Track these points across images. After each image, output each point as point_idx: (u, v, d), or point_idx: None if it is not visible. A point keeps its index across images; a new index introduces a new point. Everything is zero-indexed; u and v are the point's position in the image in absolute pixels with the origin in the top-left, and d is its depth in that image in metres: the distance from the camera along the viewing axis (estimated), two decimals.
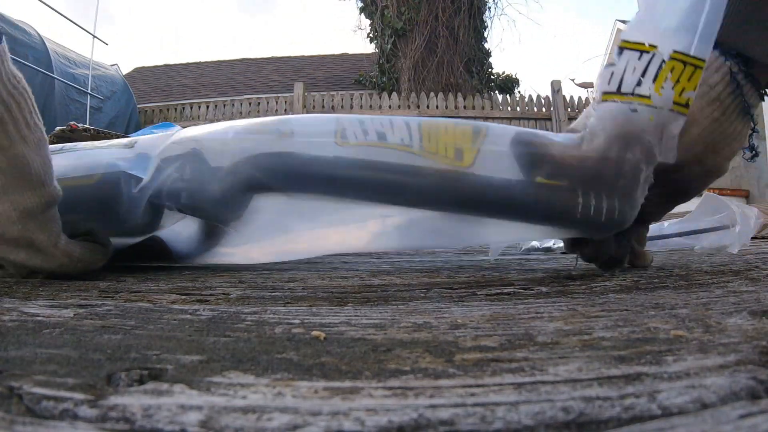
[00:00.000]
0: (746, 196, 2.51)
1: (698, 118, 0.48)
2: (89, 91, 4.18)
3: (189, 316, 0.31)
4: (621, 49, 0.43)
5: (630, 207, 0.46)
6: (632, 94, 0.43)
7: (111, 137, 1.23)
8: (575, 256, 0.56)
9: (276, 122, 0.51)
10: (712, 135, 0.49)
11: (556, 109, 4.29)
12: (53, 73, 3.82)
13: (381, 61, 5.59)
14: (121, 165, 0.57)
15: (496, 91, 5.48)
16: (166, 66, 8.12)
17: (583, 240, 0.51)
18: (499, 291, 0.41)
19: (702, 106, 0.48)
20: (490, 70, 5.86)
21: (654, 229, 1.02)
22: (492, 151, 0.45)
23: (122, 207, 0.56)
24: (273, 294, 0.41)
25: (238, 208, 0.53)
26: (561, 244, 1.07)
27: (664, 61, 0.42)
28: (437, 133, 0.46)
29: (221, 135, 0.53)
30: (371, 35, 5.89)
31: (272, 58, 7.89)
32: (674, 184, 0.52)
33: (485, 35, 5.73)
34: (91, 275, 0.55)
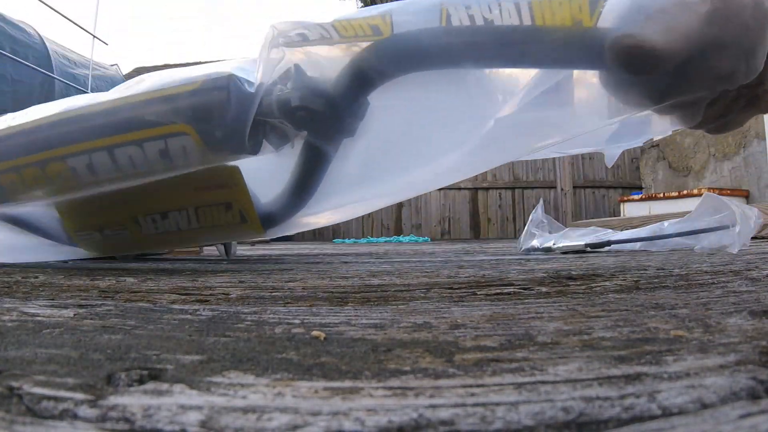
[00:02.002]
0: (746, 196, 2.51)
1: None
2: (89, 91, 4.18)
3: (189, 316, 0.31)
4: None
5: None
6: None
7: None
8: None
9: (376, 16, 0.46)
10: None
11: None
12: (53, 73, 3.82)
13: None
14: (232, 70, 0.52)
15: None
16: (166, 66, 8.13)
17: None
18: (499, 291, 0.41)
19: None
20: None
21: (654, 229, 1.02)
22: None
23: (230, 110, 0.50)
24: (273, 294, 0.41)
25: (356, 108, 0.48)
26: (561, 244, 1.07)
27: None
28: (551, 9, 0.40)
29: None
30: None
31: None
32: None
33: None
34: (91, 275, 0.55)
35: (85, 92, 4.16)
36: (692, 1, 0.33)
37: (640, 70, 0.35)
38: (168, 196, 0.61)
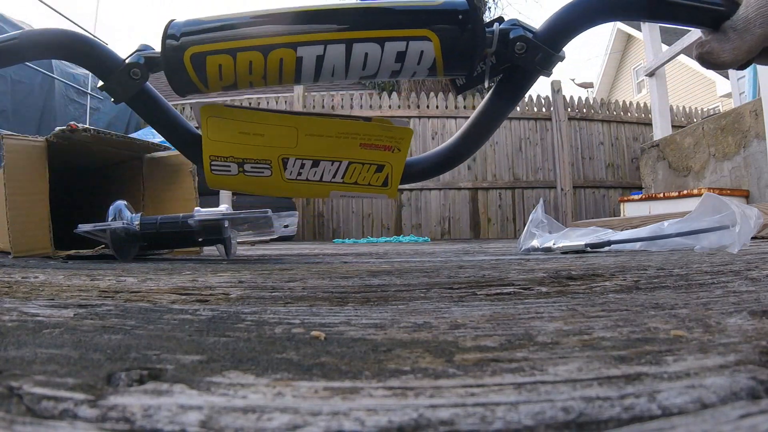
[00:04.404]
0: (746, 196, 2.51)
1: None
2: (89, 91, 4.18)
3: (189, 316, 0.31)
4: None
5: None
6: None
7: (111, 138, 1.22)
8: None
9: None
10: None
11: (556, 109, 4.29)
12: (53, 73, 3.82)
13: None
14: None
15: None
16: None
17: None
18: (499, 291, 0.41)
19: None
20: None
21: (654, 229, 1.02)
22: None
23: (470, 29, 0.56)
24: (273, 294, 0.41)
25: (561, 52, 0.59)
26: (561, 244, 1.07)
27: None
28: None
29: None
30: None
31: None
32: None
33: None
34: (91, 275, 0.55)
35: (85, 92, 4.16)
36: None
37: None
38: (331, 144, 0.62)
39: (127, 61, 0.58)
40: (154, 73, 0.59)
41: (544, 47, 0.54)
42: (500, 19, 0.57)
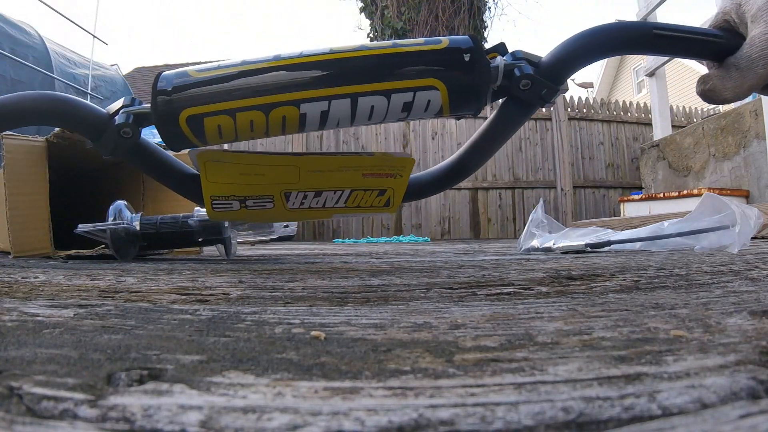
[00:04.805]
0: (746, 196, 2.51)
1: None
2: (89, 91, 4.19)
3: (189, 316, 0.31)
4: None
5: None
6: None
7: None
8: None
9: None
10: None
11: (556, 109, 4.29)
12: (53, 73, 3.82)
13: None
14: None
15: None
16: (167, 66, 8.13)
17: None
18: (499, 291, 0.41)
19: None
20: None
21: (654, 229, 1.02)
22: None
23: (478, 70, 0.53)
24: (273, 294, 0.41)
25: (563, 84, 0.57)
26: (561, 244, 1.07)
27: None
28: None
29: None
30: (371, 35, 5.90)
31: None
32: None
33: (485, 35, 5.74)
34: (91, 275, 0.55)
35: (85, 92, 4.16)
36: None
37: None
38: (334, 177, 0.61)
39: (116, 121, 0.55)
40: (145, 128, 0.56)
41: (548, 83, 0.53)
42: (502, 48, 0.55)
